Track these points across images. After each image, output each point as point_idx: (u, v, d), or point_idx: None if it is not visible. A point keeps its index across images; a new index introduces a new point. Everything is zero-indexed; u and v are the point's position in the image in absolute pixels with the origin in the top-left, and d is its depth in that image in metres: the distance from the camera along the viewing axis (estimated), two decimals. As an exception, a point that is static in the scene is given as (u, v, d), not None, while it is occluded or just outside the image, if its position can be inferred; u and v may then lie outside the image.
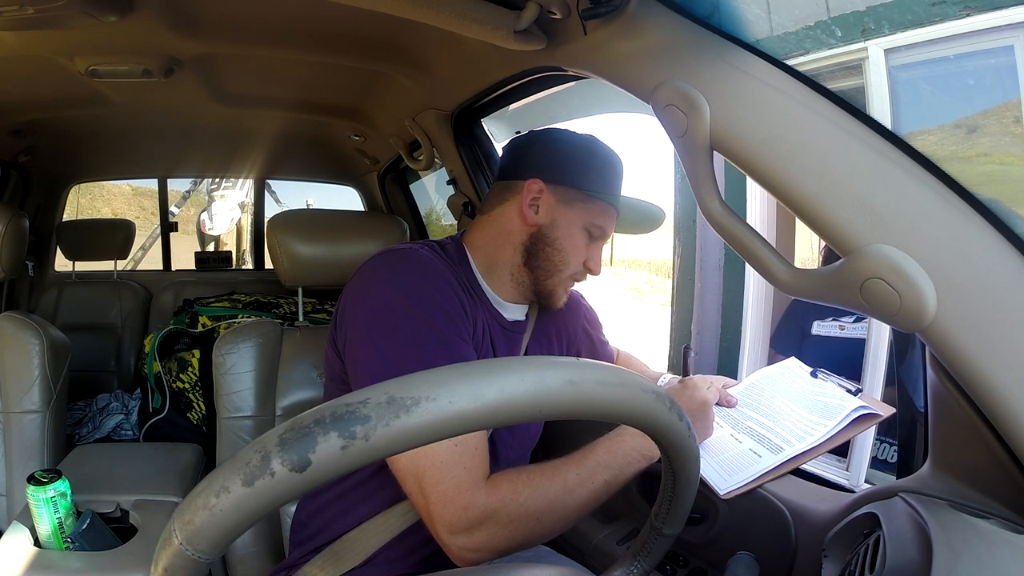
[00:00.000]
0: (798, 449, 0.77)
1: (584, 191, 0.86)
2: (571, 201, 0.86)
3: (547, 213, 0.86)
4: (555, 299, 0.90)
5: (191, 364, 2.12)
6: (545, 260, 0.87)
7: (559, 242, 0.87)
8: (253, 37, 1.14)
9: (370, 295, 0.79)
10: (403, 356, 0.74)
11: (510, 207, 0.88)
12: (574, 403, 0.36)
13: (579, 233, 0.87)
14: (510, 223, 0.88)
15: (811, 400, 0.83)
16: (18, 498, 1.25)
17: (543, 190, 0.86)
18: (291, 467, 0.32)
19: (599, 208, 0.87)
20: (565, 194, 0.86)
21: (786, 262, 0.60)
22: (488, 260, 0.90)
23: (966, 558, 0.45)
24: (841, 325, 1.78)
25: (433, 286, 0.79)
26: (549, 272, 0.88)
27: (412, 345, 0.75)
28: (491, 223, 0.90)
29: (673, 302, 2.40)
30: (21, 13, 0.91)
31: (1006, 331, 0.49)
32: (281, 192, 3.87)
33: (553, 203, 0.86)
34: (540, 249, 0.87)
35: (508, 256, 0.89)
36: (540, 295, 0.90)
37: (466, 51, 1.00)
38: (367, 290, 0.80)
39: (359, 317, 0.79)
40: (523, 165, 0.88)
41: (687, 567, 0.95)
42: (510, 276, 0.89)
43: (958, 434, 0.58)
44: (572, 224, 0.87)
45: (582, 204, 0.87)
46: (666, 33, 0.64)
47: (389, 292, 0.77)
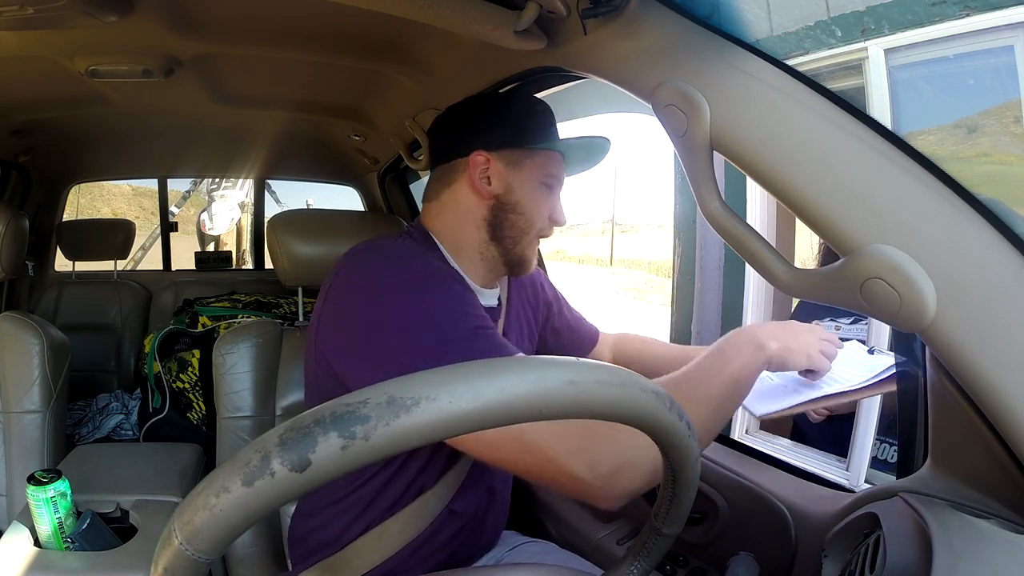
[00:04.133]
0: (833, 390, 0.82)
1: (527, 147, 0.85)
2: (519, 161, 0.85)
3: (500, 181, 0.84)
4: (526, 264, 0.89)
5: (191, 364, 2.12)
6: (511, 227, 0.86)
7: (521, 205, 0.85)
8: (253, 37, 1.14)
9: (382, 296, 0.73)
10: (441, 352, 0.69)
11: (460, 187, 0.86)
12: (574, 403, 0.36)
13: (537, 189, 0.86)
14: (466, 202, 0.86)
15: (851, 357, 0.88)
16: (18, 498, 1.25)
17: (488, 159, 0.84)
18: (291, 467, 0.32)
19: (545, 158, 0.86)
20: (511, 156, 0.85)
21: (786, 262, 0.60)
22: (455, 243, 0.87)
23: (966, 558, 0.45)
24: (837, 326, 1.78)
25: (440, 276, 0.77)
26: (517, 238, 0.86)
27: (454, 341, 0.70)
28: (444, 208, 0.88)
29: (673, 302, 2.40)
30: (21, 13, 0.91)
31: (1006, 331, 0.49)
32: (281, 192, 3.88)
33: (502, 169, 0.84)
34: (504, 218, 0.85)
35: (473, 235, 0.86)
36: (511, 265, 0.88)
37: (466, 51, 1.00)
38: (372, 291, 0.74)
39: (375, 319, 0.72)
40: (459, 142, 0.86)
41: (687, 567, 0.95)
42: (480, 256, 0.87)
43: (958, 434, 0.58)
44: (527, 183, 0.85)
45: (529, 160, 0.85)
46: (666, 33, 0.64)
47: (401, 295, 0.72)
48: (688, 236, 2.29)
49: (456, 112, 0.90)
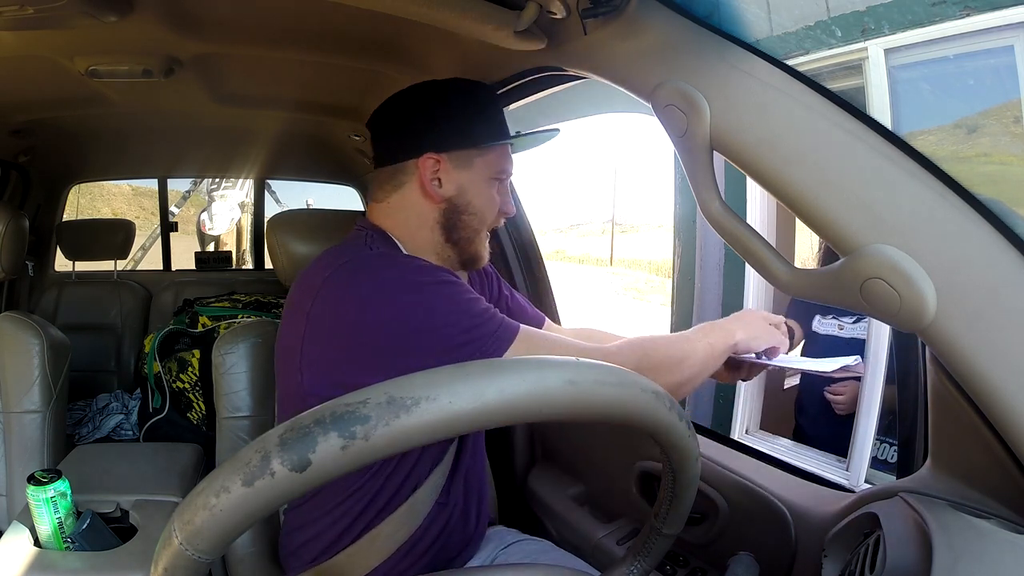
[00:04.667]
0: (798, 364, 0.95)
1: (477, 146, 0.83)
2: (469, 161, 0.83)
3: (452, 183, 0.83)
4: (480, 259, 0.89)
5: (191, 364, 2.12)
6: (465, 227, 0.85)
7: (472, 205, 0.84)
8: (253, 37, 1.14)
9: (386, 301, 0.74)
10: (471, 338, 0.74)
11: (410, 189, 0.84)
12: (574, 403, 0.36)
13: (487, 187, 0.85)
14: (418, 206, 0.85)
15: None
16: (18, 498, 1.25)
17: (439, 161, 0.82)
18: (291, 467, 0.32)
19: (495, 154, 0.85)
20: (461, 157, 0.83)
21: (786, 262, 0.60)
22: (412, 245, 0.86)
23: (966, 558, 0.45)
24: (840, 325, 1.78)
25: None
26: (471, 237, 0.86)
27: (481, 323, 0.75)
28: (394, 211, 0.86)
29: (673, 302, 2.40)
30: (21, 13, 0.91)
31: (1006, 331, 0.49)
32: (281, 192, 3.87)
33: (453, 170, 0.83)
34: (457, 219, 0.85)
35: (427, 237, 0.86)
36: (466, 261, 0.88)
37: (466, 51, 1.00)
38: (373, 297, 0.74)
39: (380, 324, 0.73)
40: (408, 143, 0.84)
41: (687, 567, 0.95)
42: (436, 256, 0.86)
43: (958, 434, 0.58)
44: (478, 182, 0.84)
45: (480, 159, 0.84)
46: (666, 33, 0.64)
47: (408, 295, 0.74)
48: (688, 236, 2.29)
49: (401, 108, 0.86)
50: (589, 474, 1.22)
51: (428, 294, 0.75)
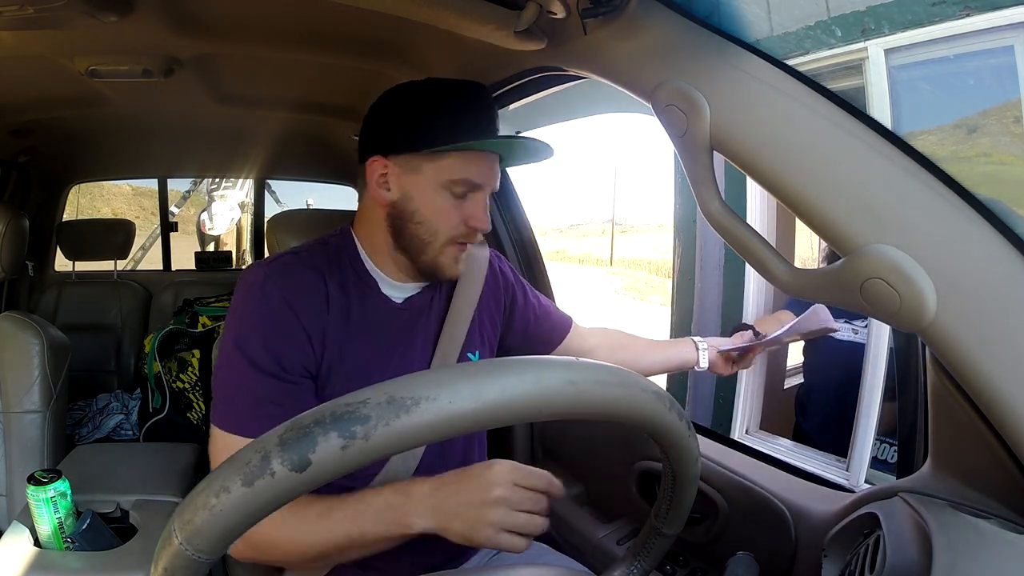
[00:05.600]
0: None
1: (426, 150, 0.78)
2: (416, 166, 0.79)
3: (397, 188, 0.80)
4: (443, 270, 0.83)
5: (191, 364, 2.12)
6: (411, 236, 0.81)
7: (418, 213, 0.80)
8: (253, 37, 1.14)
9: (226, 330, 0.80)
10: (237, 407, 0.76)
11: (367, 192, 0.84)
12: (574, 403, 0.36)
13: (438, 196, 0.79)
14: (371, 208, 0.84)
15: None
16: (18, 498, 1.25)
17: (387, 164, 0.80)
18: (291, 467, 0.32)
19: (451, 162, 0.78)
20: (408, 162, 0.79)
21: (786, 262, 0.60)
22: (371, 245, 0.86)
23: (966, 558, 0.45)
24: (855, 329, 1.75)
25: (263, 318, 0.78)
26: (420, 248, 0.81)
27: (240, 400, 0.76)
28: (360, 211, 0.87)
29: (673, 302, 2.40)
30: (21, 13, 0.91)
31: (1006, 331, 0.49)
32: (281, 192, 3.87)
33: (399, 174, 0.80)
34: (402, 226, 0.81)
35: (383, 239, 0.84)
36: (425, 272, 0.84)
37: (466, 51, 1.00)
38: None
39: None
40: (364, 145, 0.83)
41: (687, 567, 0.95)
42: (392, 262, 0.85)
43: (958, 434, 0.58)
44: (425, 190, 0.79)
45: (429, 164, 0.78)
46: (666, 33, 0.64)
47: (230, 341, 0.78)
48: (688, 236, 2.29)
49: (371, 110, 0.85)
50: (589, 474, 1.22)
51: (242, 311, 0.78)
